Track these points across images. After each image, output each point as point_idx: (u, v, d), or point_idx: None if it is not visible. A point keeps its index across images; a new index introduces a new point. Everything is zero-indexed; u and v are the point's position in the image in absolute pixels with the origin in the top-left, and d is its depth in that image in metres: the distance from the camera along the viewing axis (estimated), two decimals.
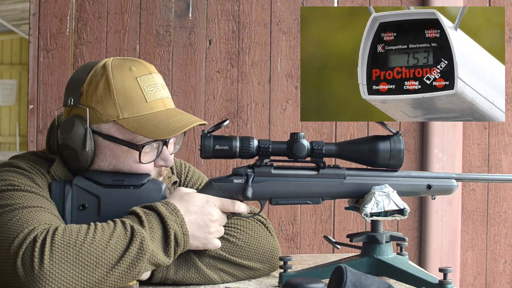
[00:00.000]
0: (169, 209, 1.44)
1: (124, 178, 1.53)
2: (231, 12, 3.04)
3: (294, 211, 3.07)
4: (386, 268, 1.54)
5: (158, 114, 1.53)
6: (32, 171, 1.51)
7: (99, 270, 1.33)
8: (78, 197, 1.51)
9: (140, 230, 1.38)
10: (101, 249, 1.33)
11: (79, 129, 1.50)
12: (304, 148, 1.53)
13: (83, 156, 1.51)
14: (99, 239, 1.34)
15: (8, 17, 9.33)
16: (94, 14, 2.96)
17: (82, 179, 1.53)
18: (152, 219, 1.42)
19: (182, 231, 1.43)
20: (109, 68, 1.53)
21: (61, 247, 1.31)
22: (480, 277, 3.19)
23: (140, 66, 1.56)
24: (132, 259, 1.36)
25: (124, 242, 1.36)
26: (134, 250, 1.36)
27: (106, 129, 1.52)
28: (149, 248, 1.37)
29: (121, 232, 1.37)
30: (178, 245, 1.44)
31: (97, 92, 1.51)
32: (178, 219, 1.44)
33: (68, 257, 1.31)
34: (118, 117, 1.51)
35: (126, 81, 1.52)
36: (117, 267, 1.34)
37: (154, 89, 1.55)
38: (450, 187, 1.60)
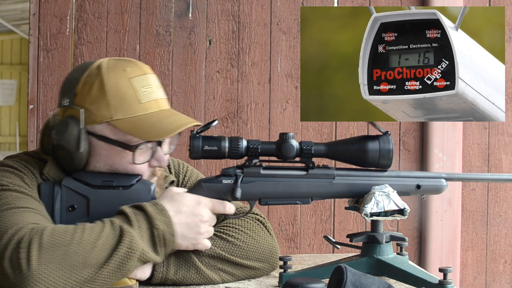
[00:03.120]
0: (157, 210, 1.44)
1: (113, 179, 1.53)
2: (231, 12, 3.04)
3: (294, 211, 3.07)
4: (386, 268, 1.54)
5: (152, 115, 1.53)
6: (23, 171, 1.51)
7: (87, 270, 1.32)
8: (67, 198, 1.51)
9: (129, 230, 1.38)
10: (89, 249, 1.33)
11: (74, 130, 1.50)
12: (293, 148, 1.53)
13: (77, 157, 1.51)
14: (87, 238, 1.34)
15: (8, 17, 9.33)
16: (94, 14, 2.96)
17: (71, 180, 1.52)
18: (140, 218, 1.42)
19: (169, 231, 1.43)
20: (103, 69, 1.53)
21: (48, 247, 1.31)
22: (480, 277, 3.19)
23: (134, 67, 1.56)
24: (122, 259, 1.35)
25: (112, 242, 1.36)
26: (123, 249, 1.36)
27: (100, 130, 1.52)
28: (138, 246, 1.37)
29: (110, 231, 1.37)
30: (166, 245, 1.44)
31: (91, 93, 1.51)
32: (165, 219, 1.44)
33: (56, 257, 1.31)
34: (111, 118, 1.51)
35: (120, 82, 1.52)
36: (106, 266, 1.34)
37: (148, 90, 1.54)
38: (439, 187, 1.59)
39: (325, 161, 2.76)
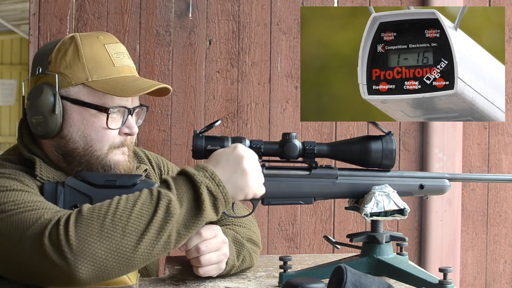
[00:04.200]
0: (197, 168, 1.40)
1: (116, 178, 1.54)
2: (231, 12, 3.04)
3: (294, 211, 3.07)
4: (386, 268, 1.54)
5: (126, 78, 1.58)
6: (17, 177, 1.48)
7: (127, 239, 1.29)
8: (70, 198, 1.51)
9: (167, 193, 1.34)
10: (125, 218, 1.30)
11: (48, 94, 1.53)
12: (296, 148, 1.53)
13: (52, 121, 1.53)
14: (123, 208, 1.32)
15: (8, 17, 9.33)
16: (94, 14, 2.97)
17: (74, 179, 1.53)
18: (180, 181, 1.37)
19: (215, 182, 1.37)
20: (77, 37, 1.59)
21: (84, 222, 1.29)
22: (480, 277, 3.19)
23: (107, 36, 1.63)
24: (160, 224, 1.31)
25: (150, 208, 1.32)
26: (160, 214, 1.32)
27: (75, 92, 1.55)
28: (176, 211, 1.33)
29: (147, 198, 1.34)
30: (217, 199, 1.37)
31: (66, 58, 1.56)
32: (207, 173, 1.38)
33: (93, 230, 1.29)
34: (87, 79, 1.54)
35: (95, 47, 1.58)
36: (146, 234, 1.30)
37: (121, 56, 1.61)
38: (442, 187, 1.60)
39: (325, 161, 2.76)
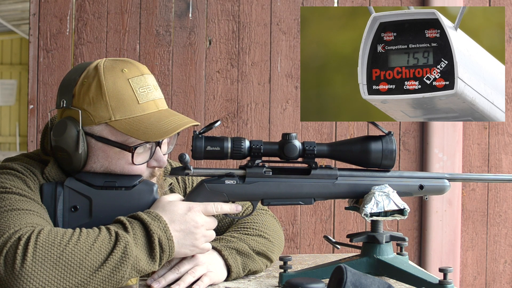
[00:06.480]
0: (151, 216, 1.44)
1: (115, 179, 1.53)
2: (231, 12, 3.04)
3: (294, 211, 3.07)
4: (386, 268, 1.54)
5: (150, 116, 1.53)
6: (25, 173, 1.51)
7: (82, 272, 1.32)
8: (69, 199, 1.51)
9: (125, 235, 1.38)
10: (85, 251, 1.33)
11: (72, 131, 1.51)
12: (296, 148, 1.53)
13: (76, 158, 1.52)
14: (84, 241, 1.34)
15: (8, 17, 9.33)
16: (94, 14, 2.96)
17: (74, 180, 1.53)
18: (135, 226, 1.42)
19: (166, 236, 1.43)
20: (101, 70, 1.53)
21: (44, 246, 1.31)
22: (480, 277, 3.19)
23: (132, 67, 1.56)
24: (116, 263, 1.35)
25: (108, 246, 1.36)
26: (118, 254, 1.35)
27: (99, 131, 1.53)
28: (132, 252, 1.37)
29: (106, 236, 1.37)
30: (163, 251, 1.43)
31: (89, 94, 1.52)
32: (161, 224, 1.43)
33: (51, 256, 1.31)
34: (110, 119, 1.51)
35: (118, 82, 1.53)
36: (100, 270, 1.34)
37: (146, 90, 1.55)
38: (442, 187, 1.60)
39: (325, 161, 2.76)
